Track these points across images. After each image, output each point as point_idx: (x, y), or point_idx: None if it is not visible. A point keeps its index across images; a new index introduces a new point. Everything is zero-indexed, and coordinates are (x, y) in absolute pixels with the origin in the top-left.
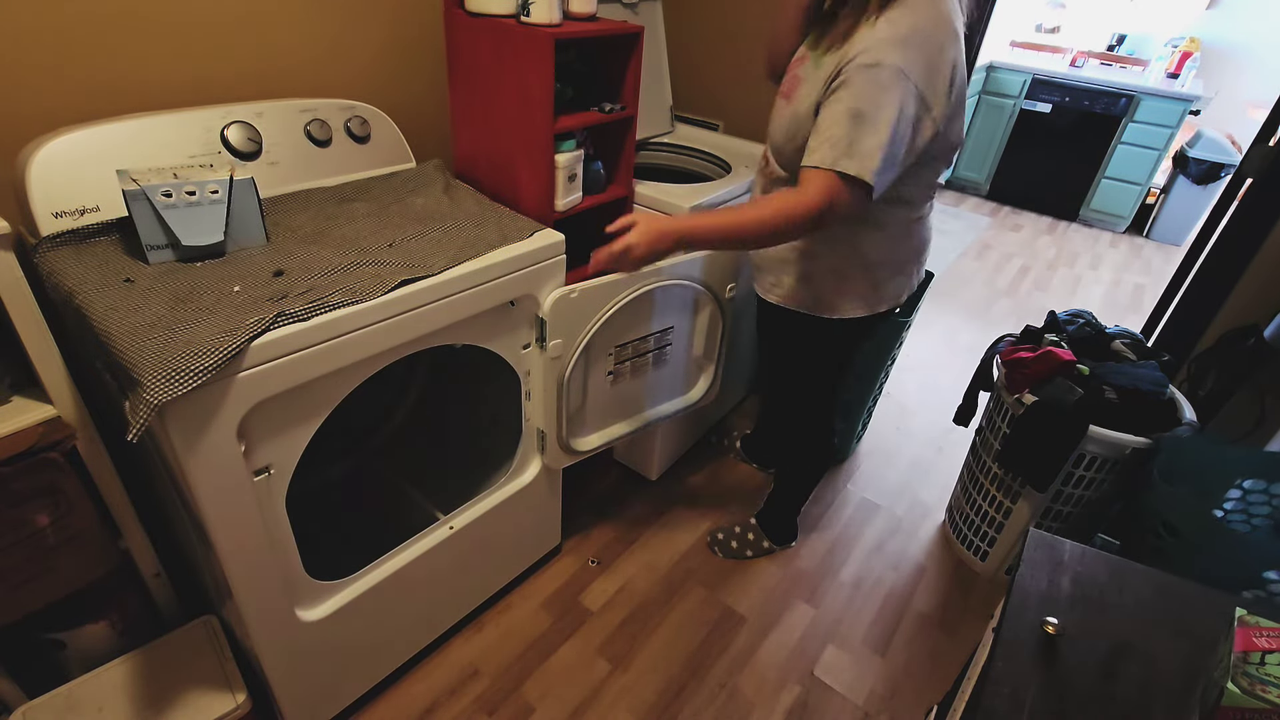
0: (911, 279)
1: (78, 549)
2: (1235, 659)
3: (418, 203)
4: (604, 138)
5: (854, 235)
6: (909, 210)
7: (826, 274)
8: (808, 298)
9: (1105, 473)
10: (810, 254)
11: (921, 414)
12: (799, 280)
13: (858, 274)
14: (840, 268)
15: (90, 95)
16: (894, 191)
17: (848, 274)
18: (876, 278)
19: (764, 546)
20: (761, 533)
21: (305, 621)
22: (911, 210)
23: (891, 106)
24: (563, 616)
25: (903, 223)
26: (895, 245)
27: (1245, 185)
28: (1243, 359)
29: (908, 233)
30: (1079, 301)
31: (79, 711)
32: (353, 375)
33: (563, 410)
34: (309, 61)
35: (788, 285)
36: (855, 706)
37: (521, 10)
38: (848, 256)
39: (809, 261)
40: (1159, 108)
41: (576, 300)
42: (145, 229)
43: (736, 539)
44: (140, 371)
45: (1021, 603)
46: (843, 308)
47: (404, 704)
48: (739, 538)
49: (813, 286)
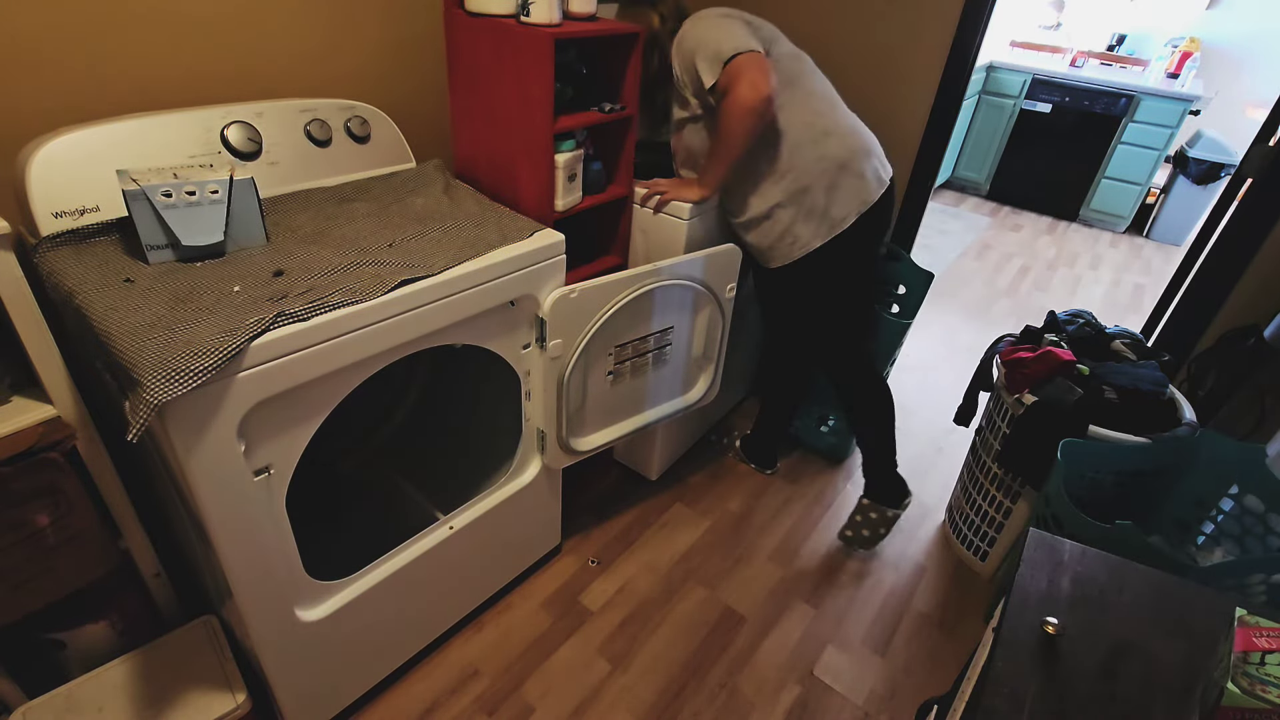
0: (848, 189)
1: (78, 549)
2: (1235, 659)
3: (418, 203)
4: (604, 138)
5: (781, 161)
6: (800, 121)
7: (792, 214)
8: (785, 245)
9: None
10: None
11: (921, 414)
12: (773, 232)
13: (800, 199)
14: (798, 202)
15: (90, 95)
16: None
17: (805, 203)
18: (814, 197)
19: (889, 515)
20: (879, 505)
21: (305, 621)
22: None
23: (702, 29)
24: (563, 616)
25: (804, 135)
26: (808, 157)
27: (1245, 185)
28: (1243, 359)
29: (816, 145)
30: (1079, 301)
31: (79, 711)
32: (353, 375)
33: (563, 410)
34: (309, 61)
35: (769, 241)
36: (855, 706)
37: (521, 10)
38: (787, 187)
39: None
40: (1159, 108)
41: (576, 300)
42: (145, 229)
43: (867, 525)
44: (140, 371)
45: (1021, 603)
46: (809, 238)
47: (404, 704)
48: (867, 524)
49: (782, 229)
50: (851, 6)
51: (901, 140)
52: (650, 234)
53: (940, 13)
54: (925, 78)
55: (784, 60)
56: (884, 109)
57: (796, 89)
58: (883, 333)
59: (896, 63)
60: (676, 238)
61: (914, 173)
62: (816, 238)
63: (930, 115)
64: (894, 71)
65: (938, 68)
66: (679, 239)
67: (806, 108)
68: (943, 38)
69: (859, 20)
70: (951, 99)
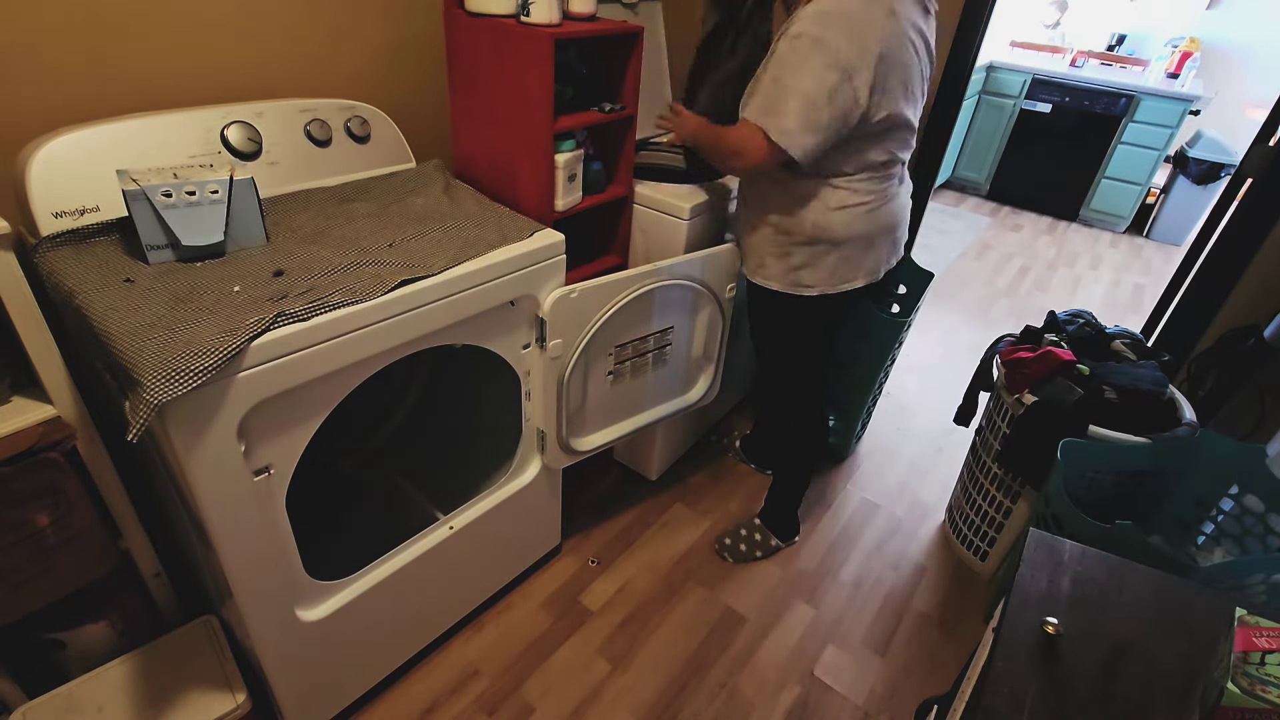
0: (880, 257)
1: (78, 549)
2: (1235, 659)
3: (418, 203)
4: (604, 138)
5: (822, 214)
6: (868, 185)
7: (800, 250)
8: (785, 275)
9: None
10: (785, 233)
11: (921, 414)
12: (778, 259)
13: (828, 249)
14: (811, 244)
15: (90, 95)
16: (836, 165)
17: (819, 250)
18: (848, 253)
19: (771, 545)
20: (768, 531)
21: (305, 621)
22: (871, 185)
23: (808, 73)
24: (563, 616)
25: (866, 200)
26: (857, 222)
27: (1245, 185)
28: (1243, 359)
29: (869, 209)
30: (1079, 301)
31: (79, 711)
32: (353, 375)
33: (563, 410)
34: (309, 61)
35: (770, 266)
36: (855, 706)
37: (521, 10)
38: (816, 234)
39: (784, 240)
40: (1159, 108)
41: (576, 300)
42: (145, 229)
43: (744, 541)
44: (140, 371)
45: (1021, 603)
46: (817, 282)
47: (404, 704)
48: (746, 540)
49: (788, 263)
50: None
51: None
52: (650, 234)
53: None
54: None
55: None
56: None
57: (868, 152)
58: (883, 332)
59: None
60: (676, 238)
61: (914, 173)
62: (815, 288)
63: (930, 115)
64: None
65: (937, 67)
66: (679, 239)
67: (869, 177)
68: (942, 37)
69: None
70: (951, 99)
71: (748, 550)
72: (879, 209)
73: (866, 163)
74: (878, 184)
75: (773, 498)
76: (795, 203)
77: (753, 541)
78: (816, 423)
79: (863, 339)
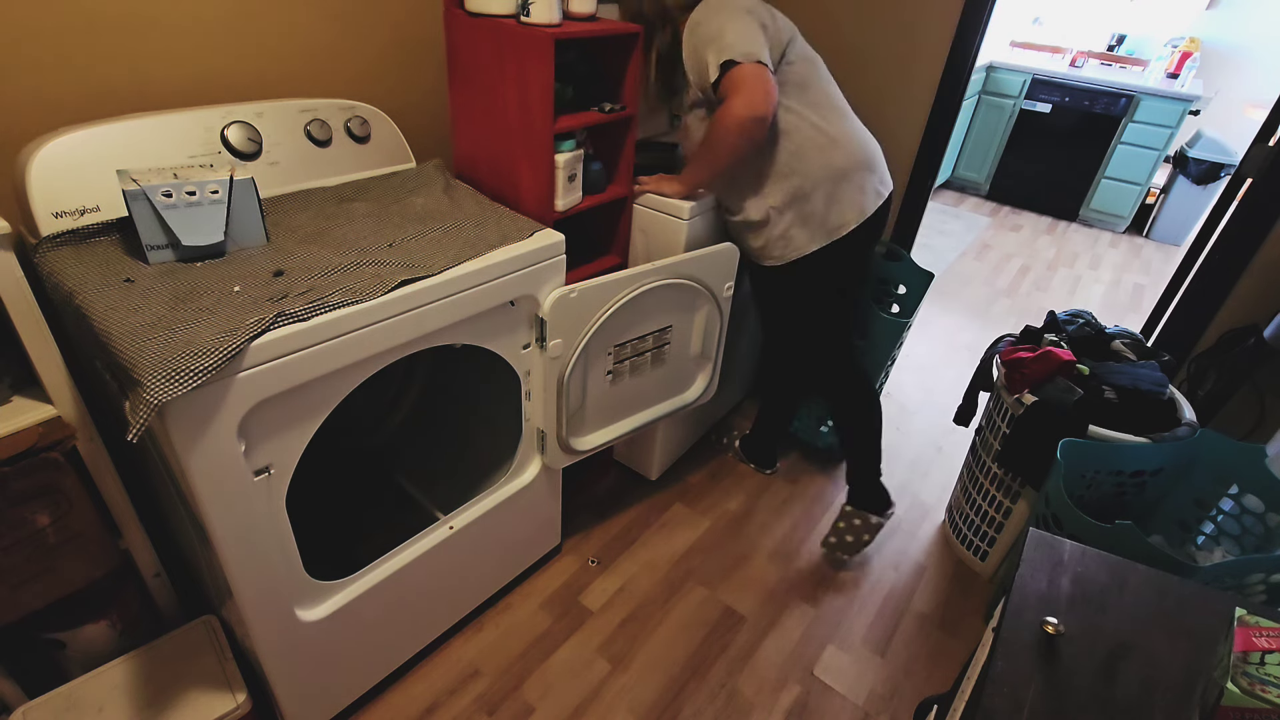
0: (862, 189)
1: (78, 549)
2: (1235, 659)
3: (418, 203)
4: (604, 138)
5: (784, 164)
6: (808, 126)
7: (783, 214)
8: (780, 247)
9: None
10: (762, 190)
11: (921, 414)
12: (768, 232)
13: (816, 197)
14: (794, 204)
15: (90, 95)
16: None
17: (803, 207)
18: (826, 191)
19: (873, 522)
20: (863, 512)
21: (305, 621)
22: (810, 125)
23: (719, 19)
24: (563, 616)
25: (810, 141)
26: (812, 164)
27: (1245, 185)
28: (1243, 359)
29: (821, 153)
30: (1079, 301)
31: (79, 711)
32: (353, 375)
33: (562, 410)
34: (309, 61)
35: (764, 242)
36: (855, 706)
37: (521, 10)
38: (787, 191)
39: (774, 216)
40: (1159, 108)
41: (576, 300)
42: (145, 229)
43: (850, 532)
44: (140, 371)
45: (1021, 603)
46: (809, 241)
47: (404, 704)
48: (851, 529)
49: (778, 230)
50: (851, 5)
51: (901, 140)
52: (650, 234)
53: (940, 13)
54: (925, 77)
55: (797, 63)
56: (884, 109)
57: (807, 93)
58: (883, 332)
59: (896, 62)
60: (676, 237)
61: (914, 173)
62: (812, 242)
63: (930, 115)
64: (894, 71)
65: (937, 68)
66: (679, 239)
67: (815, 113)
68: (943, 38)
69: (858, 19)
70: (951, 99)
71: (855, 540)
72: (829, 152)
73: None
74: (825, 118)
75: (855, 475)
76: (760, 155)
77: (854, 527)
78: (863, 388)
79: (862, 339)
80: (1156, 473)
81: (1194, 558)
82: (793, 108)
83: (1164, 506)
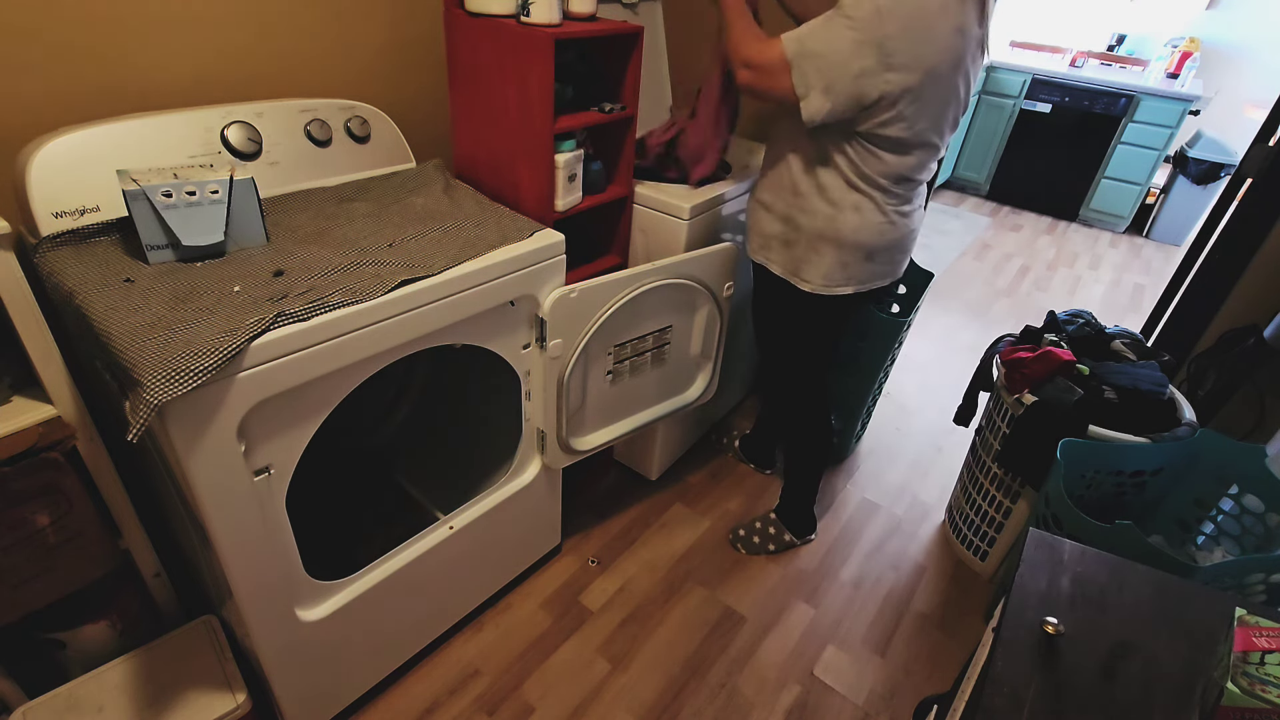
0: (875, 271)
1: (78, 549)
2: (1235, 659)
3: (418, 203)
4: (604, 138)
5: (833, 213)
6: (883, 198)
7: (804, 242)
8: (788, 263)
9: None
10: (794, 224)
11: (921, 414)
12: (782, 244)
13: (830, 249)
14: (816, 239)
15: (90, 95)
16: (860, 169)
17: (821, 247)
18: (846, 258)
19: (785, 540)
20: (782, 526)
21: (305, 621)
22: (885, 199)
23: (846, 39)
24: (563, 616)
25: (878, 212)
26: (867, 231)
27: (1245, 185)
28: (1243, 359)
29: (882, 223)
30: (1079, 301)
31: (79, 711)
32: (353, 375)
33: (562, 410)
34: (309, 61)
35: (774, 249)
36: (855, 706)
37: (521, 10)
38: (823, 230)
39: (793, 229)
40: (1159, 108)
41: (576, 300)
42: (145, 229)
43: (758, 534)
44: (140, 371)
45: (1021, 603)
46: (813, 279)
47: (404, 704)
48: (760, 532)
49: (792, 252)
50: None
51: None
52: (650, 234)
53: None
54: None
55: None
56: None
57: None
58: (882, 332)
59: None
60: (676, 238)
61: None
62: (814, 283)
63: None
64: None
65: None
66: (679, 239)
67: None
68: None
69: None
70: None
71: (760, 543)
72: (891, 225)
73: (889, 174)
74: (897, 203)
75: (787, 495)
76: (816, 194)
77: (766, 535)
78: (819, 421)
79: (863, 339)
80: (1156, 473)
81: (1194, 558)
82: (870, 190)
83: (1164, 506)
